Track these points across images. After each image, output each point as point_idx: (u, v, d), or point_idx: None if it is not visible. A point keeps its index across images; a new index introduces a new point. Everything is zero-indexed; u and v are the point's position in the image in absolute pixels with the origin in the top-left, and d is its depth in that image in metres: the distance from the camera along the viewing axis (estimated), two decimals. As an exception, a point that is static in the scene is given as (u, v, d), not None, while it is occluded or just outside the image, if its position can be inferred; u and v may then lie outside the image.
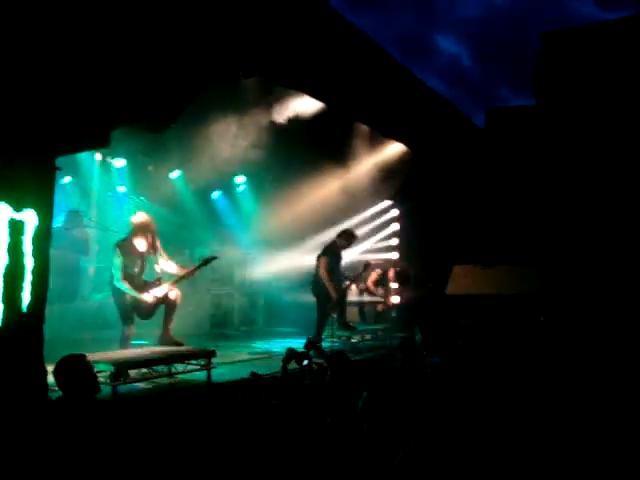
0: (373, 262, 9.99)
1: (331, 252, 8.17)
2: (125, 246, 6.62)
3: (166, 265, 6.95)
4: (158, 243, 6.92)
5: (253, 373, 4.59)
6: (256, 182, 10.69)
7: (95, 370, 3.99)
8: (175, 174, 9.58)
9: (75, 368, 3.73)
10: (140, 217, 6.84)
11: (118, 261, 6.49)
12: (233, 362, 6.85)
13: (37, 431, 3.49)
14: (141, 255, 6.71)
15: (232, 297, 10.64)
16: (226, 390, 5.02)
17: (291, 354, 4.56)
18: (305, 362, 4.53)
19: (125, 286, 6.48)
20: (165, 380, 5.63)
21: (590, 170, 10.69)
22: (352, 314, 9.75)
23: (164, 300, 6.76)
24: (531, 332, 8.00)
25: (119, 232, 7.29)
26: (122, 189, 9.08)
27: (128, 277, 6.54)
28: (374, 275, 10.42)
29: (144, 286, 6.67)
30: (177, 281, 6.89)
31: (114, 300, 6.66)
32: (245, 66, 6.34)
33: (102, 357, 5.37)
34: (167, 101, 5.03)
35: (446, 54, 56.25)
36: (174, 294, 6.81)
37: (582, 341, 7.29)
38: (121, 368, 5.12)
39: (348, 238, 8.39)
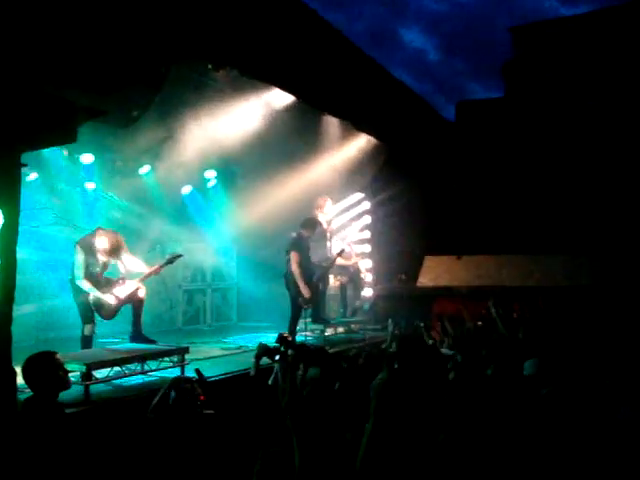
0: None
1: (299, 245, 8.14)
2: (87, 244, 6.46)
3: (131, 263, 6.82)
4: (123, 243, 6.73)
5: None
6: (227, 176, 10.60)
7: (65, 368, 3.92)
8: (144, 169, 9.42)
9: (44, 366, 3.67)
10: (108, 231, 6.68)
11: (80, 259, 6.35)
12: (207, 358, 6.82)
13: (6, 433, 3.42)
14: (104, 253, 6.56)
15: (204, 293, 10.57)
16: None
17: (263, 349, 4.51)
18: (277, 357, 4.49)
19: (87, 285, 6.36)
20: (139, 378, 5.58)
21: (559, 160, 10.83)
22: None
23: (130, 299, 6.67)
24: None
25: (88, 229, 7.13)
26: (91, 185, 8.91)
27: (90, 276, 6.41)
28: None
29: (107, 285, 6.55)
30: (143, 279, 6.80)
31: (74, 299, 6.51)
32: (214, 58, 6.29)
33: (74, 357, 5.30)
34: (132, 93, 4.95)
35: (413, 48, 56.50)
36: (141, 292, 6.73)
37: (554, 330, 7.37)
38: (93, 367, 5.05)
39: (312, 225, 8.39)
